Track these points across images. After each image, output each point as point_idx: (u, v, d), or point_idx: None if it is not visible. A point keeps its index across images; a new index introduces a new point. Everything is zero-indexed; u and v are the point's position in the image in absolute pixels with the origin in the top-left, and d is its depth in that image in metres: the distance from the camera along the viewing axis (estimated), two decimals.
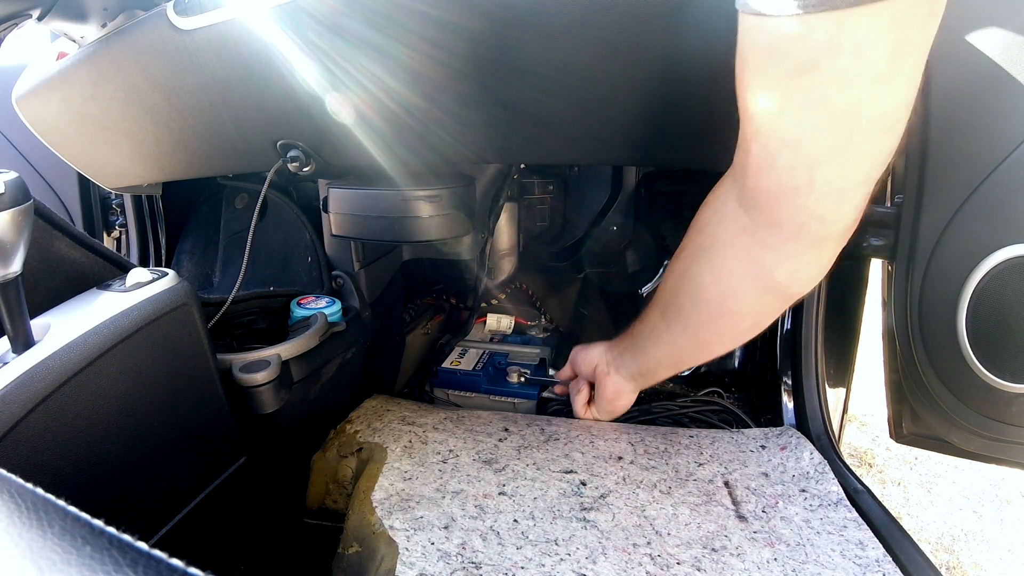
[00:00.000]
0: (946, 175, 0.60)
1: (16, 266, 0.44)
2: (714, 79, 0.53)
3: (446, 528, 0.63)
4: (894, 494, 1.52)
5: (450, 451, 0.77)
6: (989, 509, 1.45)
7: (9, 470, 0.21)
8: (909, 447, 0.80)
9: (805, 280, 0.49)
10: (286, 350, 0.72)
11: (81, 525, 0.17)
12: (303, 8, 0.56)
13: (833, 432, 0.80)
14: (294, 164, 0.75)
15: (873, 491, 0.68)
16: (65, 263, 0.60)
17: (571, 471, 0.73)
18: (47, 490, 0.19)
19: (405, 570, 0.57)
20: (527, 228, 1.24)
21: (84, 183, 1.14)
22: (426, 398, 1.03)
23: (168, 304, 0.58)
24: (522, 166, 1.12)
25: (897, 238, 0.66)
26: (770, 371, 0.91)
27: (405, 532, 0.62)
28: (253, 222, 0.80)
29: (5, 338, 0.48)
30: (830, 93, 0.35)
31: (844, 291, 0.87)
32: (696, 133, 0.62)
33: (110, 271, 0.64)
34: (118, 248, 1.19)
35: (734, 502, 0.67)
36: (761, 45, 0.37)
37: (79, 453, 0.51)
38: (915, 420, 0.76)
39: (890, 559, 0.58)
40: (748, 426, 0.87)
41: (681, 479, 0.72)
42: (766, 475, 0.72)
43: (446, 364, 1.03)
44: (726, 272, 0.50)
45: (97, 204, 1.17)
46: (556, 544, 0.61)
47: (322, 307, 0.80)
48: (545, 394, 0.96)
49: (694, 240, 0.53)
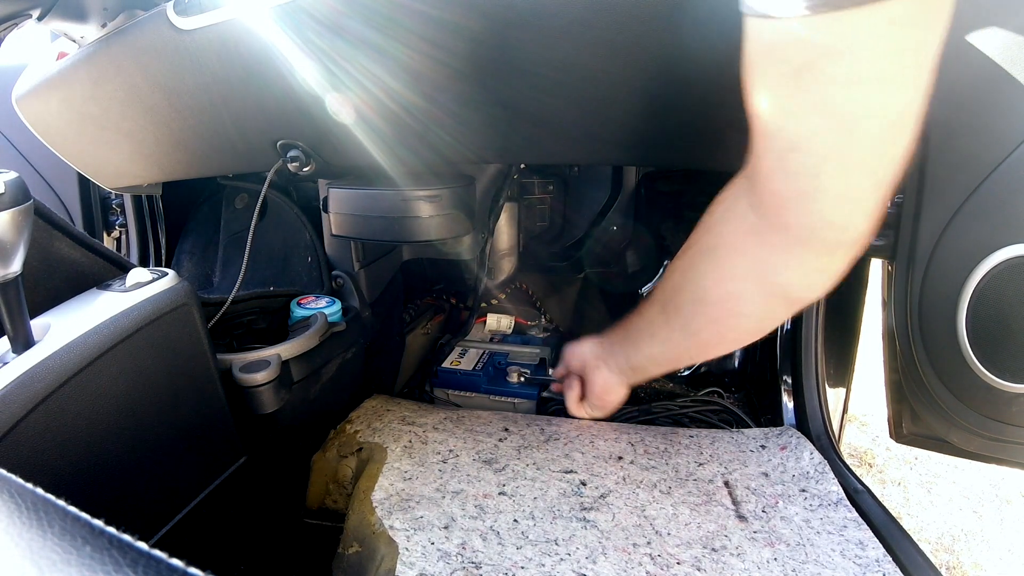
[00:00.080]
0: (946, 175, 0.60)
1: (16, 266, 0.44)
2: (714, 79, 0.53)
3: (446, 528, 0.63)
4: (894, 494, 1.52)
5: (450, 451, 0.77)
6: (989, 509, 1.45)
7: (9, 470, 0.21)
8: (909, 447, 0.80)
9: (813, 287, 0.49)
10: (286, 350, 0.72)
11: (81, 525, 0.17)
12: (303, 8, 0.56)
13: (833, 432, 0.80)
14: (294, 164, 0.75)
15: (873, 491, 0.68)
16: (65, 263, 0.60)
17: (571, 471, 0.73)
18: (47, 490, 0.19)
19: (405, 570, 0.57)
20: (527, 228, 1.24)
21: (84, 183, 1.14)
22: (426, 398, 1.03)
23: (168, 304, 0.58)
24: (522, 166, 1.12)
25: (897, 238, 0.67)
26: (770, 371, 0.91)
27: (405, 532, 0.62)
28: (253, 222, 0.80)
29: (5, 338, 0.48)
30: (831, 94, 0.35)
31: (844, 291, 0.87)
32: (696, 133, 0.62)
33: (110, 271, 0.64)
34: (118, 248, 1.19)
35: (734, 502, 0.67)
36: (764, 47, 0.37)
37: (79, 453, 0.51)
38: (915, 420, 0.76)
39: (890, 559, 0.58)
40: (748, 426, 0.87)
41: (681, 479, 0.72)
42: (766, 475, 0.72)
43: (446, 364, 1.03)
44: (732, 274, 0.49)
45: (97, 204, 1.17)
46: (556, 544, 0.61)
47: (322, 307, 0.80)
48: (545, 394, 0.96)
49: (701, 239, 0.52)
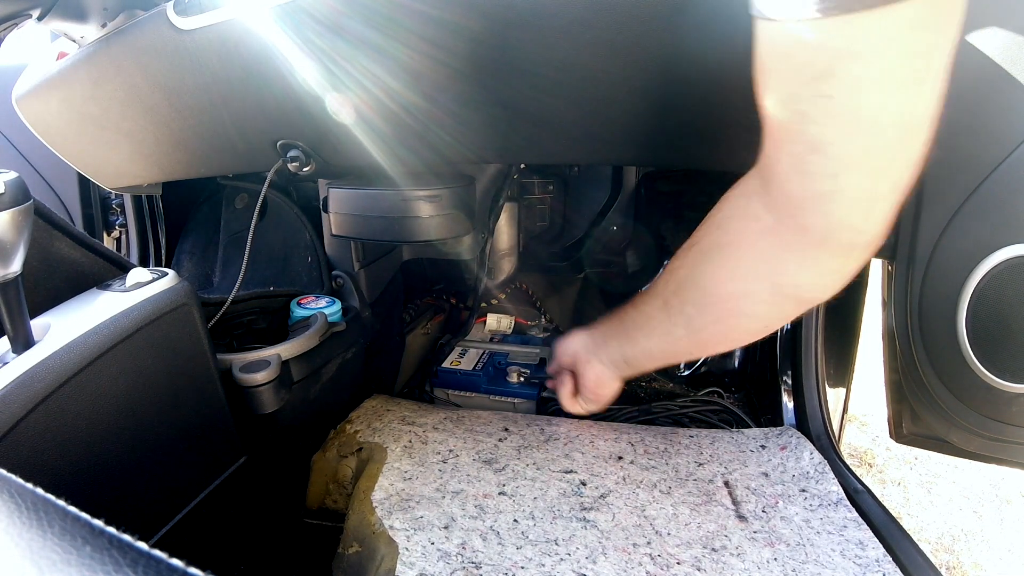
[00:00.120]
0: (946, 175, 0.60)
1: (16, 266, 0.44)
2: (714, 79, 0.53)
3: (446, 528, 0.63)
4: (894, 494, 1.52)
5: (450, 451, 0.77)
6: (989, 509, 1.45)
7: (9, 470, 0.21)
8: (909, 447, 0.80)
9: (825, 288, 0.48)
10: (286, 350, 0.72)
11: (81, 525, 0.17)
12: (303, 8, 0.56)
13: (833, 432, 0.80)
14: (294, 164, 0.75)
15: (873, 491, 0.68)
16: (65, 263, 0.60)
17: (571, 471, 0.73)
18: (47, 490, 0.19)
19: (405, 570, 0.57)
20: (527, 228, 1.24)
21: (84, 183, 1.14)
22: (426, 398, 1.03)
23: (168, 304, 0.58)
24: (522, 166, 1.12)
25: (897, 238, 0.67)
26: (770, 371, 0.91)
27: (405, 532, 0.62)
28: (253, 222, 0.80)
29: (5, 338, 0.48)
30: (852, 99, 0.35)
31: (844, 291, 0.87)
32: (696, 133, 0.62)
33: (110, 271, 0.64)
34: (118, 248, 1.19)
35: (734, 502, 0.67)
36: (780, 51, 0.36)
37: (79, 453, 0.51)
38: (915, 420, 0.76)
39: (890, 559, 0.58)
40: (748, 426, 0.87)
41: (681, 479, 0.72)
42: (766, 475, 0.72)
43: (446, 364, 1.03)
44: (744, 272, 0.48)
45: (97, 204, 1.17)
46: (556, 544, 0.61)
47: (322, 307, 0.80)
48: (545, 394, 0.95)
49: (710, 236, 0.51)
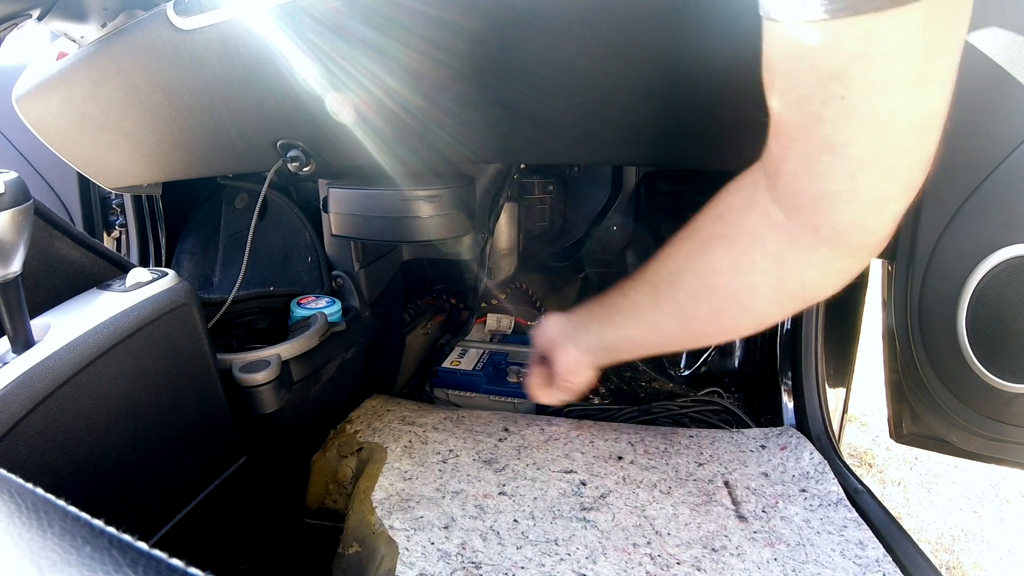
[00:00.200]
0: (946, 175, 0.60)
1: (16, 266, 0.44)
2: (714, 79, 0.53)
3: (446, 528, 0.63)
4: (894, 494, 1.52)
5: (450, 451, 0.77)
6: (989, 509, 1.45)
7: (9, 470, 0.21)
8: (909, 447, 0.80)
9: (829, 287, 0.48)
10: (286, 350, 0.72)
11: (81, 525, 0.17)
12: (303, 8, 0.56)
13: (833, 432, 0.80)
14: (294, 164, 0.75)
15: (873, 491, 0.68)
16: (65, 263, 0.60)
17: (571, 471, 0.73)
18: (47, 490, 0.19)
19: (405, 570, 0.57)
20: (527, 228, 1.24)
21: (84, 183, 1.14)
22: (426, 398, 1.03)
23: (168, 304, 0.58)
24: (522, 166, 1.12)
25: (897, 238, 0.66)
26: (770, 371, 0.91)
27: (405, 532, 0.62)
28: (253, 222, 0.80)
29: (5, 338, 0.48)
30: (867, 101, 0.35)
31: (844, 291, 0.87)
32: (696, 133, 0.62)
33: (110, 271, 0.64)
34: (118, 248, 1.19)
35: (734, 502, 0.67)
36: (790, 52, 0.37)
37: (79, 453, 0.51)
38: (915, 420, 0.76)
39: (890, 559, 0.58)
40: (748, 426, 0.87)
41: (681, 479, 0.72)
42: (766, 475, 0.72)
43: (446, 364, 1.03)
44: (749, 266, 0.47)
45: (97, 204, 1.17)
46: (556, 544, 0.61)
47: (322, 307, 0.80)
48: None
49: (711, 227, 0.50)
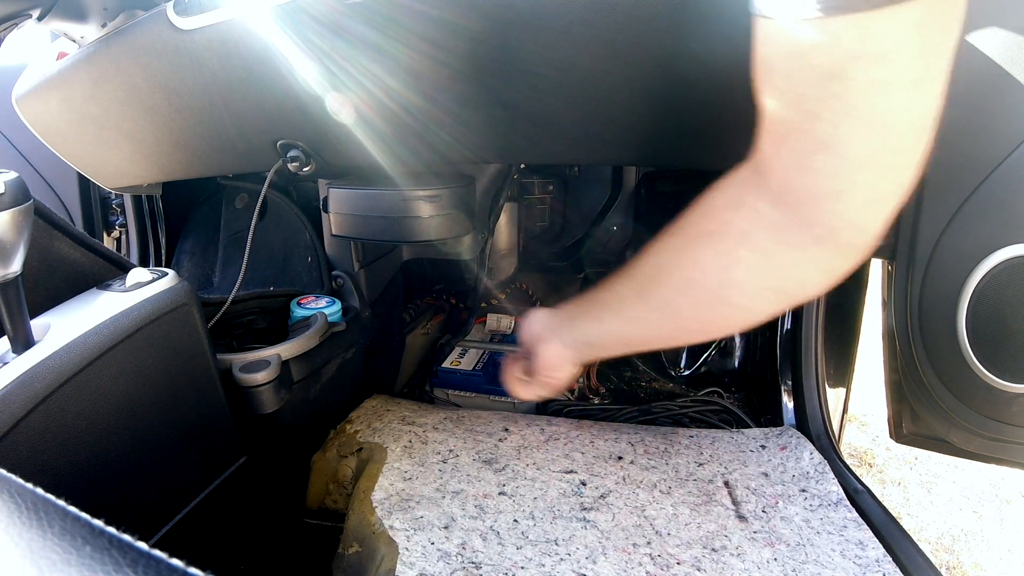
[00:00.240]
0: (946, 175, 0.60)
1: (16, 266, 0.44)
2: (714, 79, 0.53)
3: (446, 528, 0.63)
4: (894, 494, 1.52)
5: (450, 451, 0.77)
6: (989, 509, 1.45)
7: (9, 470, 0.21)
8: (909, 447, 0.80)
9: (817, 285, 0.48)
10: (286, 350, 0.72)
11: (81, 525, 0.17)
12: (303, 8, 0.56)
13: (833, 432, 0.80)
14: (294, 164, 0.75)
15: (873, 491, 0.68)
16: (65, 263, 0.60)
17: (571, 471, 0.73)
18: (47, 490, 0.19)
19: (405, 570, 0.57)
20: (527, 228, 1.24)
21: (84, 183, 1.14)
22: (426, 398, 1.03)
23: (168, 304, 0.58)
24: (522, 166, 1.12)
25: (897, 238, 0.66)
26: (770, 371, 0.91)
27: (405, 532, 0.62)
28: (253, 222, 0.80)
29: (5, 338, 0.48)
30: (863, 100, 0.35)
31: (844, 291, 0.87)
32: (696, 133, 0.62)
33: (110, 271, 0.64)
34: (118, 248, 1.19)
35: (734, 502, 0.67)
36: (784, 50, 0.36)
37: (79, 453, 0.51)
38: (915, 420, 0.76)
39: (890, 559, 0.58)
40: (748, 426, 0.87)
41: (681, 479, 0.72)
42: (766, 475, 0.72)
43: (446, 364, 1.03)
44: (736, 262, 0.47)
45: (97, 204, 1.17)
46: (556, 544, 0.61)
47: (322, 307, 0.80)
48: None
49: (699, 223, 0.49)
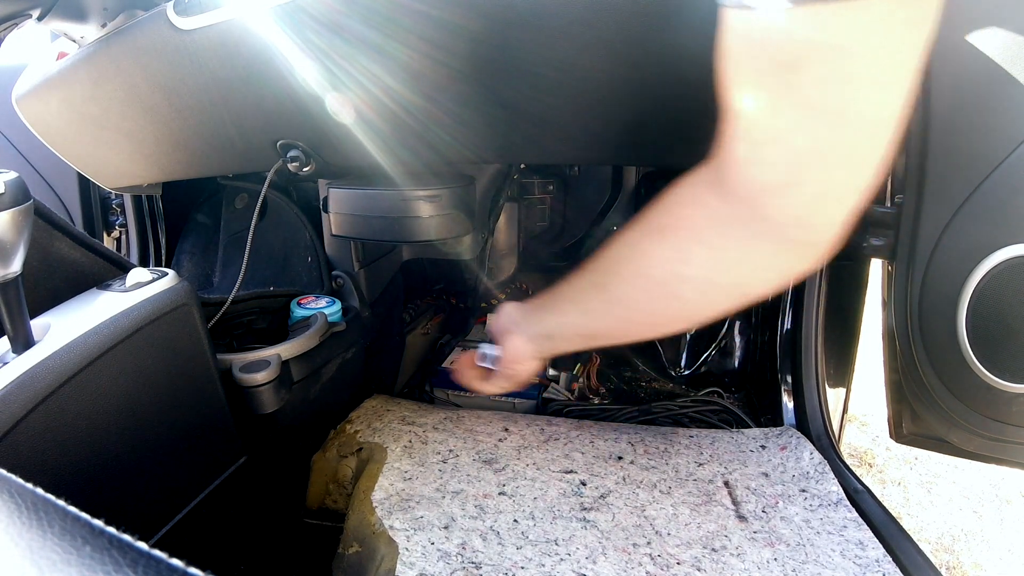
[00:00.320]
0: (946, 175, 0.60)
1: (16, 266, 0.44)
2: (714, 79, 0.53)
3: (446, 528, 0.63)
4: (894, 494, 1.52)
5: (450, 451, 0.77)
6: (989, 509, 1.45)
7: (9, 470, 0.21)
8: (909, 447, 0.80)
9: (765, 283, 0.46)
10: (286, 350, 0.72)
11: (81, 525, 0.17)
12: (303, 8, 0.56)
13: (833, 432, 0.80)
14: (294, 164, 0.75)
15: (873, 491, 0.68)
16: (65, 263, 0.60)
17: (571, 471, 0.73)
18: (47, 490, 0.19)
19: (405, 570, 0.57)
20: (527, 228, 1.24)
21: (84, 183, 1.14)
22: (426, 398, 1.03)
23: (168, 304, 0.58)
24: (522, 166, 1.12)
25: (897, 238, 0.66)
26: (770, 371, 0.91)
27: (405, 532, 0.62)
28: (253, 222, 0.80)
29: (5, 338, 0.48)
30: (818, 92, 0.34)
31: (844, 291, 0.87)
32: (696, 133, 0.62)
33: (110, 271, 0.64)
34: (118, 248, 1.19)
35: (734, 502, 0.67)
36: (746, 40, 0.36)
37: (79, 453, 0.51)
38: (915, 420, 0.76)
39: (890, 559, 0.58)
40: (748, 426, 0.87)
41: (681, 479, 0.72)
42: (766, 475, 0.72)
43: (446, 364, 1.03)
44: (684, 256, 0.47)
45: (97, 204, 1.17)
46: (556, 544, 0.61)
47: (322, 307, 0.80)
48: (545, 394, 0.96)
49: (656, 218, 0.49)
